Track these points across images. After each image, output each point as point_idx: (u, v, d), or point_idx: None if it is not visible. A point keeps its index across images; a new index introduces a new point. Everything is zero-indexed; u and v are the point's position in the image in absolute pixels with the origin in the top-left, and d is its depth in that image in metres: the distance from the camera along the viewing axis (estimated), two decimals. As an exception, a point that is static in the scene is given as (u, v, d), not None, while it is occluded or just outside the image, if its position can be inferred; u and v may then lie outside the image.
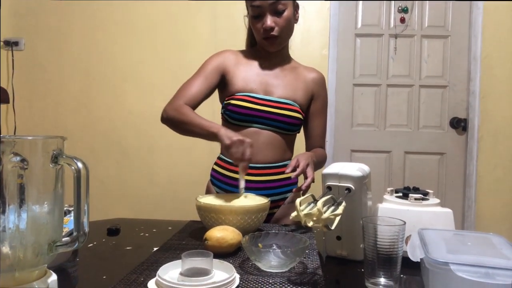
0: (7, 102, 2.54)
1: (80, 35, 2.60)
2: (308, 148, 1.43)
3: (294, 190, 1.14)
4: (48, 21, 2.61)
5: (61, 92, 2.62)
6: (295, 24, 1.33)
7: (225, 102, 1.30)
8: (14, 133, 2.60)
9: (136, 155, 2.59)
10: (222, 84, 1.33)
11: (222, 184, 1.30)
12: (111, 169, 2.60)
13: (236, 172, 1.21)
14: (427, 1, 2.51)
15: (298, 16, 1.33)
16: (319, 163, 1.32)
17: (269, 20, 1.23)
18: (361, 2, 2.54)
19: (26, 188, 0.53)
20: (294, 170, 1.11)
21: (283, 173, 1.29)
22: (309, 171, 1.12)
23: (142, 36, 2.57)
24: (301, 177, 1.13)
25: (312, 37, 2.51)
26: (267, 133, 1.27)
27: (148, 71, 2.54)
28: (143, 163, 2.59)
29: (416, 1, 2.51)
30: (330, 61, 2.50)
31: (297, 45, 2.50)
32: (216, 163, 1.36)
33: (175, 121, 1.24)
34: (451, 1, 2.50)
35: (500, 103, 2.45)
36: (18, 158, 0.52)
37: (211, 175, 1.36)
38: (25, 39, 2.62)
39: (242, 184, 1.11)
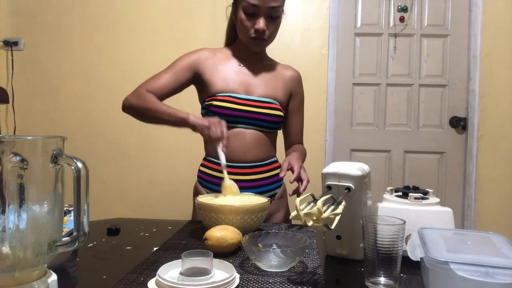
0: (7, 102, 2.54)
1: (80, 35, 2.60)
2: (287, 145, 1.45)
3: (290, 194, 1.15)
4: (48, 21, 2.60)
5: (61, 92, 2.62)
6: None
7: (206, 103, 1.29)
8: (14, 133, 2.59)
9: (136, 155, 2.59)
10: (200, 84, 1.32)
11: (210, 184, 1.31)
12: (111, 169, 2.60)
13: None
14: (427, 0, 2.51)
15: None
16: (303, 160, 1.35)
17: (262, 23, 1.23)
18: (360, 1, 2.54)
19: (26, 188, 0.53)
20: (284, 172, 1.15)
21: (270, 170, 1.33)
22: (303, 174, 1.15)
23: (142, 36, 2.57)
24: (289, 174, 1.15)
25: (312, 36, 2.51)
26: (251, 132, 1.28)
27: (148, 70, 2.51)
28: (143, 162, 2.59)
29: (416, 0, 2.51)
30: (329, 60, 2.50)
31: (296, 45, 2.50)
32: (202, 164, 1.36)
33: (138, 108, 1.23)
34: (450, 0, 2.49)
35: (500, 102, 2.45)
36: (18, 158, 0.52)
37: (199, 176, 1.36)
38: (25, 39, 2.62)
39: (223, 159, 1.12)
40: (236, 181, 1.14)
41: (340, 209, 0.75)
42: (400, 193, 0.94)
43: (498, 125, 2.45)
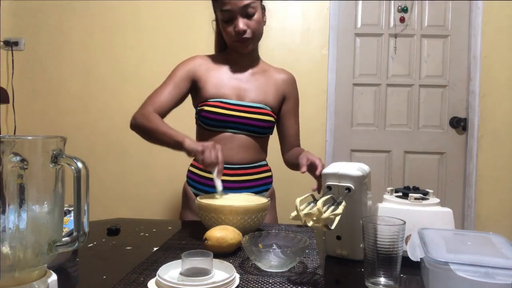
0: (7, 102, 2.54)
1: (80, 35, 2.60)
2: (285, 148, 1.45)
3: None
4: (48, 21, 2.60)
5: (61, 92, 2.62)
6: (265, 26, 1.34)
7: (198, 108, 1.32)
8: (14, 133, 2.59)
9: (136, 155, 2.59)
10: (194, 90, 1.34)
11: (198, 184, 1.32)
12: (111, 169, 2.60)
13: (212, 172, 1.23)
14: (427, 1, 2.51)
15: (265, 18, 1.34)
16: None
17: (241, 23, 1.24)
18: (360, 1, 2.54)
19: (26, 188, 0.53)
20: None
21: (258, 173, 1.34)
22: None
23: (142, 36, 2.57)
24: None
25: (312, 36, 2.51)
26: (241, 137, 1.30)
27: (148, 71, 2.54)
28: (143, 162, 2.59)
29: (416, 1, 2.51)
30: (330, 60, 2.50)
31: (297, 45, 2.50)
32: (192, 165, 1.38)
33: (143, 128, 1.24)
34: (450, 1, 2.49)
35: (500, 103, 2.45)
36: (18, 158, 0.52)
37: (187, 177, 1.38)
38: (25, 39, 2.61)
39: (220, 186, 1.11)
40: (222, 181, 1.13)
41: (340, 209, 0.75)
42: (400, 194, 0.94)
43: (498, 126, 2.45)
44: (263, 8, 1.32)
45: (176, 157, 2.53)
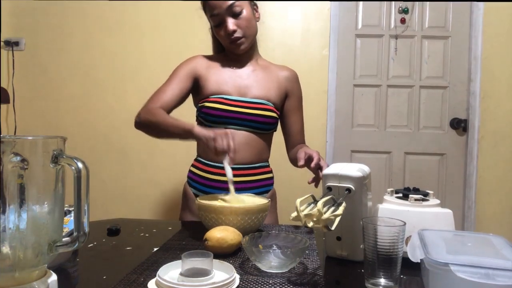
0: (8, 102, 2.54)
1: (80, 35, 2.60)
2: (289, 146, 1.45)
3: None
4: (48, 21, 2.61)
5: (61, 92, 2.62)
6: (257, 23, 1.35)
7: (199, 105, 1.32)
8: (14, 133, 2.59)
9: (136, 155, 2.59)
10: (196, 89, 1.34)
11: (199, 185, 1.31)
12: (111, 169, 2.60)
13: (213, 173, 1.24)
14: (428, 2, 2.51)
15: (258, 15, 1.35)
16: None
17: (230, 24, 1.25)
18: (361, 2, 2.54)
19: (26, 188, 0.53)
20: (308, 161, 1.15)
21: (259, 174, 1.33)
22: (322, 161, 1.14)
23: (143, 36, 2.57)
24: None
25: (313, 37, 2.51)
26: (243, 134, 1.28)
27: (148, 71, 2.54)
28: (143, 163, 2.59)
29: (417, 2, 2.51)
30: (330, 61, 2.50)
31: (297, 45, 2.50)
32: (193, 165, 1.37)
33: (149, 124, 1.24)
34: (451, 2, 2.49)
35: (501, 104, 2.45)
36: (18, 158, 0.52)
37: (188, 177, 1.37)
38: (25, 39, 2.62)
39: (230, 174, 1.10)
40: (222, 182, 1.13)
41: (340, 210, 0.75)
42: (401, 195, 0.94)
43: (499, 127, 2.45)
44: (254, 5, 1.33)
45: (176, 157, 2.55)
